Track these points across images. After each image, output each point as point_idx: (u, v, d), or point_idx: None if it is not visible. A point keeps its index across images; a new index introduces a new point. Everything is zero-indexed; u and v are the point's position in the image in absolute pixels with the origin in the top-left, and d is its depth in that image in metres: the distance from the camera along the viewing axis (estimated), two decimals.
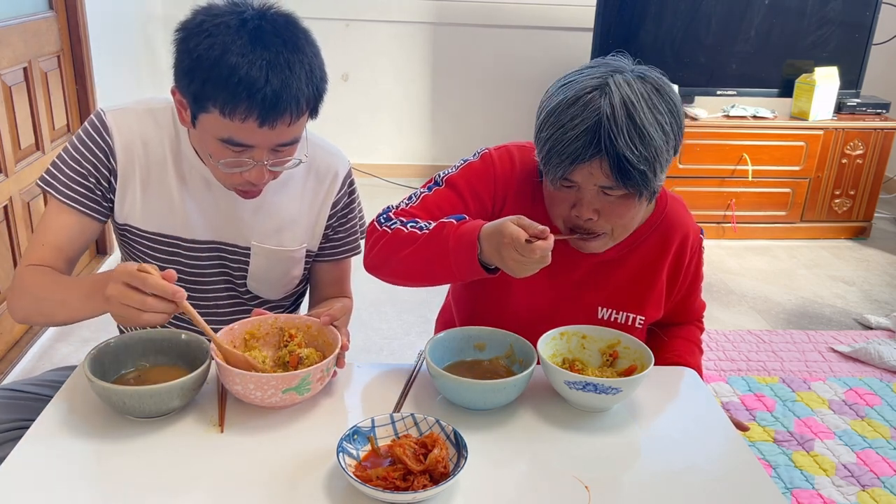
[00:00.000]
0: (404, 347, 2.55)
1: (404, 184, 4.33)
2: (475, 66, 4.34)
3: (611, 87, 1.13)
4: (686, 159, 3.65)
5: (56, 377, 1.32)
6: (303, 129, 1.21)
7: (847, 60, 3.73)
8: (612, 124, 1.11)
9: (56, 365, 2.38)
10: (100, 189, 1.30)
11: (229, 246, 1.36)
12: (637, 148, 1.11)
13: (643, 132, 1.12)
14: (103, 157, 1.29)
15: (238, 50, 1.08)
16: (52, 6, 2.75)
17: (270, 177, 1.23)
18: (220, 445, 1.05)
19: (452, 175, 1.33)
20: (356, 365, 1.26)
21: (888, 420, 2.35)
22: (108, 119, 1.29)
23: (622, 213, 1.20)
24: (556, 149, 1.14)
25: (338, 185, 1.39)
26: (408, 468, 0.96)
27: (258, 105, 1.09)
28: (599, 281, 1.34)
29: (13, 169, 2.43)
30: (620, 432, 1.12)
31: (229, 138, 1.14)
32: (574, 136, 1.12)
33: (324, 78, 1.18)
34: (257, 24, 1.10)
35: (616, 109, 1.11)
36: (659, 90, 1.16)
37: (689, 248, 1.38)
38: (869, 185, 3.80)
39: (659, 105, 1.14)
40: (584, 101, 1.13)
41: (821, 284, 3.37)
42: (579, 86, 1.15)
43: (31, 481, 0.96)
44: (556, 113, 1.15)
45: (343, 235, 1.44)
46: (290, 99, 1.10)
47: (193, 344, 1.17)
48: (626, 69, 1.17)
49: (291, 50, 1.12)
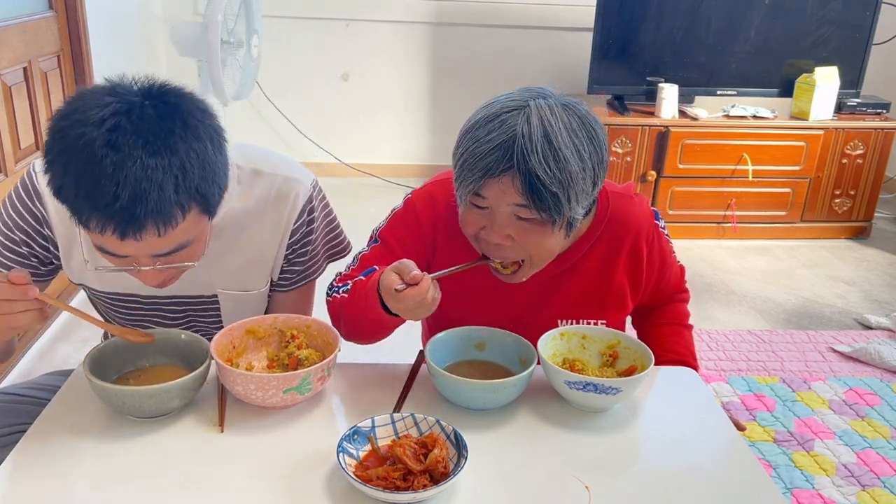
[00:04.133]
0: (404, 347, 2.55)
1: (404, 184, 4.33)
2: (475, 66, 4.34)
3: (531, 108, 1.10)
4: (686, 159, 3.65)
5: (53, 381, 1.32)
6: (190, 232, 1.05)
7: (847, 60, 3.73)
8: (526, 140, 1.08)
9: (56, 365, 2.38)
10: (35, 257, 1.24)
11: (195, 298, 1.30)
12: (550, 168, 1.08)
13: (558, 153, 1.08)
14: (37, 225, 1.21)
15: (88, 151, 0.94)
16: (52, 6, 2.75)
17: (170, 273, 1.11)
18: (220, 445, 1.05)
19: (382, 229, 1.34)
20: (356, 365, 1.26)
21: (888, 420, 2.35)
22: (40, 182, 1.18)
23: (537, 242, 1.16)
24: (469, 162, 1.12)
25: (297, 211, 1.27)
26: (408, 468, 0.96)
27: (111, 218, 0.96)
28: (554, 294, 1.33)
29: (13, 169, 2.43)
30: (620, 432, 1.12)
31: (101, 247, 1.04)
32: (487, 150, 1.09)
33: (209, 178, 1.02)
34: (115, 124, 0.95)
35: (533, 128, 1.08)
36: (582, 119, 1.12)
37: (644, 243, 1.34)
38: (869, 185, 3.80)
39: (579, 132, 1.11)
40: (502, 119, 1.10)
41: (821, 284, 3.37)
42: (499, 106, 1.12)
43: (30, 481, 0.96)
44: (473, 129, 1.13)
45: (299, 268, 1.34)
46: (147, 213, 0.96)
47: (193, 344, 1.17)
48: (550, 96, 1.14)
49: (154, 154, 0.95)
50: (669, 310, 1.49)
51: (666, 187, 3.71)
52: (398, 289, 1.07)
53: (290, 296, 1.38)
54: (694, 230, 3.78)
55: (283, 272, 1.34)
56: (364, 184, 4.38)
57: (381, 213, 1.37)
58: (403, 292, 1.07)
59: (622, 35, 3.69)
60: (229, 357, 1.17)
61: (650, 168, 3.69)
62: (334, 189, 1.43)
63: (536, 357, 1.16)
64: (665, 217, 3.50)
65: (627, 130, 3.63)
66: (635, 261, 1.34)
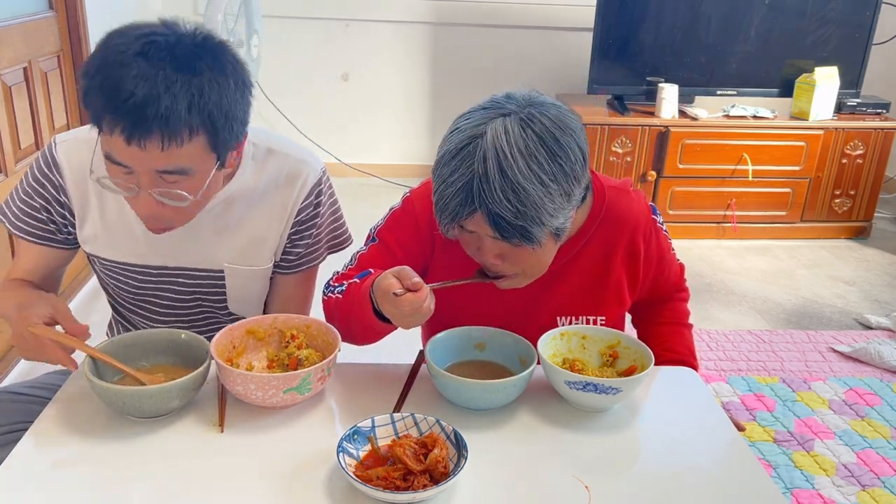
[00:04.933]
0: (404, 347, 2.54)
1: (404, 184, 4.33)
2: (475, 66, 4.34)
3: (487, 137, 1.06)
4: (686, 159, 3.65)
5: (55, 380, 1.33)
6: (194, 160, 1.08)
7: (847, 60, 3.73)
8: (482, 181, 1.06)
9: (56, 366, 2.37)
10: (53, 224, 1.30)
11: (203, 271, 1.33)
12: (511, 203, 1.05)
13: (516, 187, 1.05)
14: (55, 192, 1.27)
15: (120, 59, 1.02)
16: (52, 6, 2.75)
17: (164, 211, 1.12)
18: (220, 445, 1.05)
19: (381, 228, 1.34)
20: (356, 365, 1.26)
21: (888, 420, 2.35)
22: (59, 153, 1.26)
23: (525, 259, 1.16)
24: (440, 205, 1.12)
25: (305, 192, 1.31)
26: (408, 468, 0.96)
27: (122, 117, 1.01)
28: (552, 291, 1.32)
29: (13, 169, 2.43)
30: (620, 432, 1.12)
31: (108, 154, 1.08)
32: (452, 194, 1.09)
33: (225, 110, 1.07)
34: (153, 40, 1.03)
35: (489, 165, 1.05)
36: (540, 136, 1.07)
37: (641, 238, 1.33)
38: (869, 185, 3.81)
39: (537, 154, 1.06)
40: (463, 155, 1.08)
41: (821, 284, 3.37)
42: (463, 134, 1.10)
43: (31, 481, 0.97)
44: (441, 164, 1.12)
45: (302, 251, 1.36)
46: (156, 115, 1.00)
47: (193, 344, 1.17)
48: (512, 112, 1.09)
49: (178, 69, 1.02)
50: (669, 308, 1.48)
51: (666, 187, 3.71)
52: (397, 293, 1.07)
53: (292, 279, 1.39)
54: (694, 230, 3.78)
55: (285, 252, 1.35)
56: (364, 184, 4.38)
57: (381, 214, 1.37)
58: (402, 297, 1.07)
59: (622, 35, 3.69)
60: (229, 357, 1.17)
61: (650, 168, 3.70)
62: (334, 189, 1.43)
63: (536, 357, 1.17)
64: (665, 217, 3.50)
65: (627, 130, 3.63)
66: (632, 256, 1.34)
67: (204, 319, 1.40)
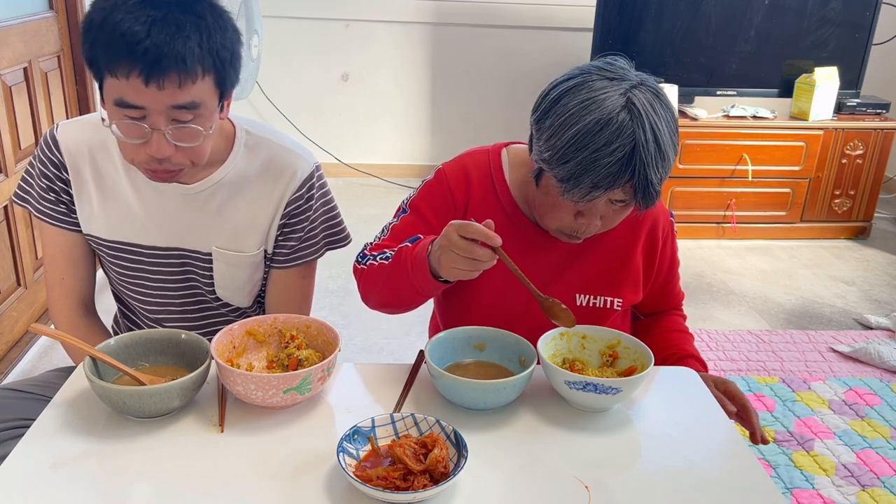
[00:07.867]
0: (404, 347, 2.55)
1: (404, 184, 4.33)
2: (475, 66, 4.34)
3: (638, 109, 1.11)
4: (686, 159, 3.66)
5: (56, 377, 1.33)
6: (204, 96, 1.14)
7: (847, 60, 3.73)
8: (644, 152, 1.11)
9: (56, 365, 2.38)
10: (62, 203, 1.33)
11: (193, 252, 1.35)
12: (660, 171, 1.14)
13: (665, 155, 1.14)
14: (55, 170, 1.32)
15: (124, 8, 1.06)
16: (52, 6, 2.75)
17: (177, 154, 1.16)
18: (220, 445, 1.05)
19: (414, 199, 1.37)
20: (356, 365, 1.26)
21: (888, 420, 2.35)
22: (59, 133, 1.31)
23: (618, 220, 1.24)
24: (589, 174, 1.12)
25: (295, 185, 1.33)
26: (408, 468, 0.96)
27: (140, 59, 1.05)
28: (573, 268, 1.35)
29: (13, 168, 2.43)
30: (620, 432, 1.12)
31: (121, 99, 1.10)
32: (609, 163, 1.11)
33: (229, 50, 1.15)
34: None
35: (647, 135, 1.11)
36: (668, 106, 1.16)
37: (660, 232, 1.39)
38: (869, 185, 3.81)
39: (671, 122, 1.15)
40: (617, 125, 1.10)
41: (821, 284, 3.37)
42: (605, 106, 1.11)
43: (31, 481, 0.96)
44: (585, 134, 1.11)
45: (295, 244, 1.37)
46: (173, 55, 1.06)
47: (194, 344, 1.17)
48: (634, 80, 1.15)
49: (184, 11, 1.09)
50: (673, 319, 1.51)
51: (666, 187, 3.71)
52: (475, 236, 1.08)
53: (288, 274, 1.40)
54: (694, 230, 3.78)
55: (278, 245, 1.37)
56: (364, 184, 4.38)
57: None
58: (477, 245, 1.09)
59: (622, 35, 3.69)
60: (229, 357, 1.17)
61: None
62: (334, 189, 1.43)
63: (536, 357, 1.17)
64: None
65: None
66: (651, 247, 1.39)
67: (196, 304, 1.41)
